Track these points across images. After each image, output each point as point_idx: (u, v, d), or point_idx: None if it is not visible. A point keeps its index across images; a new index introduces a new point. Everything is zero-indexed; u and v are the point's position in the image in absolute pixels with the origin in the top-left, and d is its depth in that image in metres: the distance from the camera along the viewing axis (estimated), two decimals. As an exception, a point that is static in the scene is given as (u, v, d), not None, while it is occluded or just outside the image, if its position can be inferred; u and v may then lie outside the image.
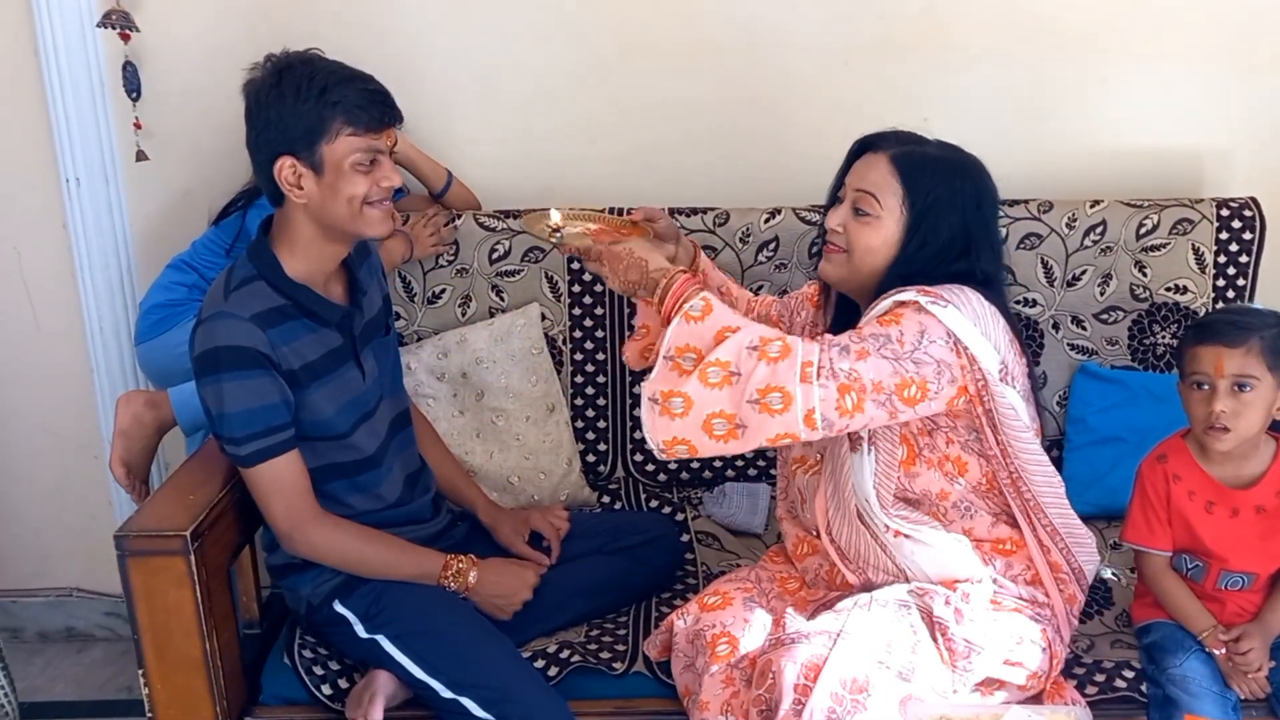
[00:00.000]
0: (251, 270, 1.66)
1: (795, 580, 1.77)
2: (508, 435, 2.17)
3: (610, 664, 1.77)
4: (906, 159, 1.60)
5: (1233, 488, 1.71)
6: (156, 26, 2.25)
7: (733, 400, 1.44)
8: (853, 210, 1.61)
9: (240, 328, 1.60)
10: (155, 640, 1.64)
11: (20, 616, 2.65)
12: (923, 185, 1.58)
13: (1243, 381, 1.63)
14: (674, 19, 2.25)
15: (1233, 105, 2.29)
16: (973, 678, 1.58)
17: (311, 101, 1.57)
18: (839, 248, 1.63)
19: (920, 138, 1.66)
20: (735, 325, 1.48)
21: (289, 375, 1.65)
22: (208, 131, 2.28)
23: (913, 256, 1.59)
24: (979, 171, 1.64)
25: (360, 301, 1.76)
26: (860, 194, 1.60)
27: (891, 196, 1.59)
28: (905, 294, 1.55)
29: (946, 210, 1.58)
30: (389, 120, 1.64)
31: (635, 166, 2.33)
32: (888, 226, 1.59)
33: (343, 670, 1.79)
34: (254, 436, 1.63)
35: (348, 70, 1.63)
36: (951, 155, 1.63)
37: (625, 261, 1.59)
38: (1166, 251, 2.19)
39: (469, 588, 1.77)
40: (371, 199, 1.63)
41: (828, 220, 1.65)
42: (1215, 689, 1.67)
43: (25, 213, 2.39)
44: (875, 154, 1.62)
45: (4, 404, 2.51)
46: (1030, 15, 2.24)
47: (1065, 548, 1.66)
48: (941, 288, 1.55)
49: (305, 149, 1.59)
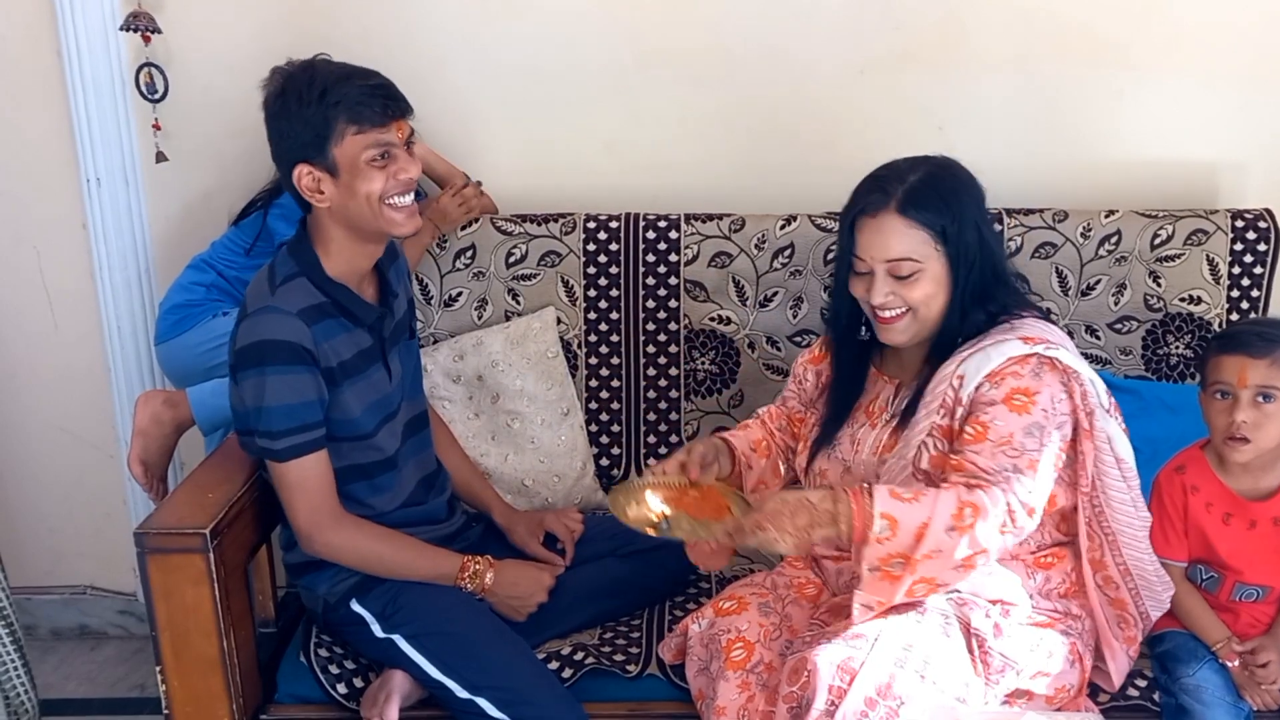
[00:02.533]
0: (294, 267, 1.68)
1: (814, 585, 1.77)
2: (523, 438, 2.18)
3: (624, 666, 1.77)
4: (911, 203, 1.58)
5: (1251, 499, 1.71)
6: (178, 28, 2.26)
7: (937, 571, 1.49)
8: (893, 279, 1.59)
9: (287, 322, 1.62)
10: (173, 637, 1.64)
11: (34, 614, 2.66)
12: (940, 216, 1.58)
13: (1266, 392, 1.63)
14: (691, 28, 2.26)
15: (1249, 117, 2.29)
16: (1003, 690, 1.58)
17: (314, 105, 1.58)
18: (898, 314, 1.61)
19: (897, 169, 1.63)
20: (925, 518, 1.46)
21: (326, 373, 1.66)
22: (227, 134, 2.30)
23: (968, 278, 1.60)
24: (954, 166, 1.65)
25: (391, 304, 1.77)
26: (893, 264, 1.58)
27: (923, 245, 1.58)
28: (1009, 345, 1.56)
29: (965, 220, 1.60)
30: (393, 113, 1.63)
31: (651, 173, 2.34)
32: (934, 269, 1.59)
33: (358, 669, 1.79)
34: (290, 432, 1.64)
35: (348, 69, 1.62)
36: (934, 170, 1.62)
37: (788, 510, 1.50)
38: (1181, 262, 2.19)
39: (486, 588, 1.78)
40: (390, 195, 1.63)
41: (866, 294, 1.61)
42: (1228, 699, 1.67)
43: (45, 213, 2.41)
44: (878, 216, 1.59)
45: (22, 403, 2.53)
46: (1047, 26, 2.25)
47: (1135, 589, 1.67)
48: (1026, 324, 1.60)
49: (317, 154, 1.60)
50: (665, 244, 2.22)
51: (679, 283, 2.23)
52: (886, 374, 1.73)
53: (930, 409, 1.60)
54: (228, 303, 2.18)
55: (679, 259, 2.22)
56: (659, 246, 2.22)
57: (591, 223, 2.23)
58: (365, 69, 1.64)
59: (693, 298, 2.24)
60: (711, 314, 2.24)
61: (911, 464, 1.61)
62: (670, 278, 2.23)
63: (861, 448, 1.69)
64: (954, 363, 1.60)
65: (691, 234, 2.22)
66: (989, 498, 1.49)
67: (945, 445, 1.60)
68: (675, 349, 2.26)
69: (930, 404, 1.60)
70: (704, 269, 2.22)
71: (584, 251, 2.23)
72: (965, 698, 1.53)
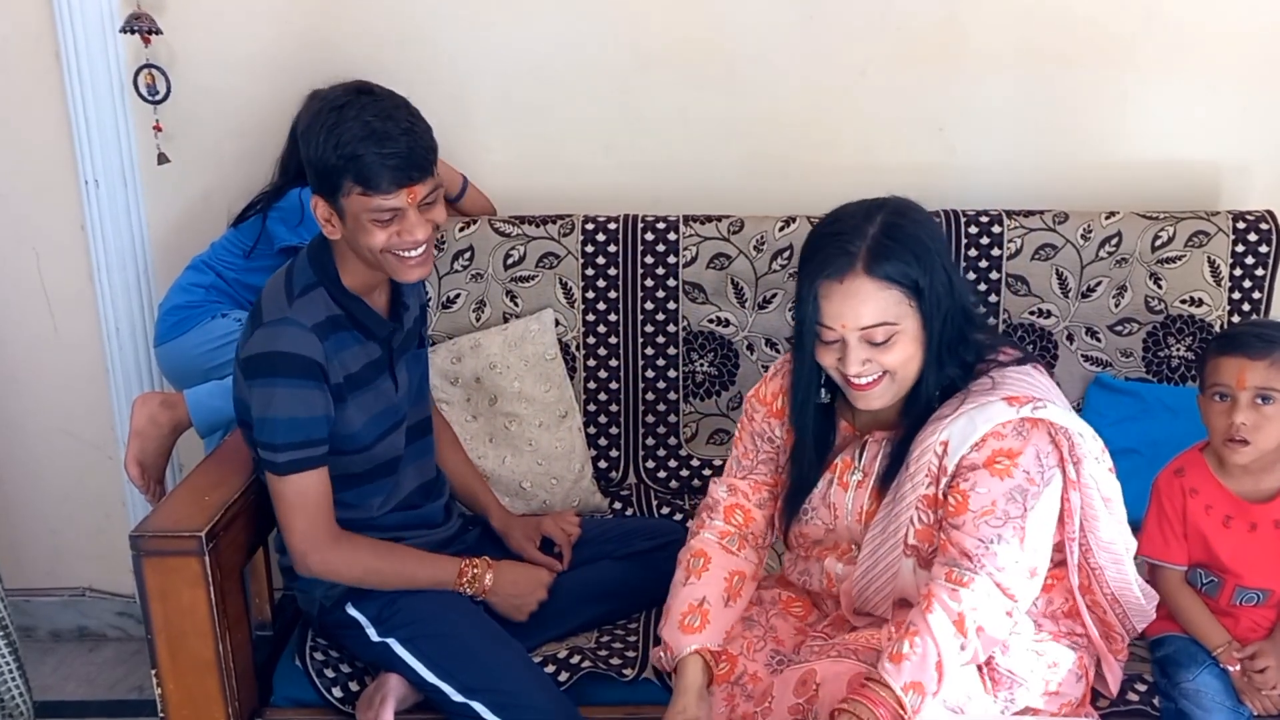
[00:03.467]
0: (313, 277, 1.67)
1: (801, 604, 1.74)
2: (520, 440, 2.18)
3: (620, 670, 1.77)
4: (878, 260, 1.43)
5: (1251, 502, 1.70)
6: (178, 30, 2.26)
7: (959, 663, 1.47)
8: (868, 345, 1.46)
9: (302, 337, 1.61)
10: (169, 640, 1.64)
11: (33, 615, 2.66)
12: (910, 268, 1.44)
13: (1265, 394, 1.62)
14: (691, 28, 2.26)
15: (1251, 118, 2.28)
16: (1014, 708, 1.56)
17: (330, 154, 1.55)
18: (874, 380, 1.48)
19: (851, 222, 1.48)
20: (936, 655, 1.42)
21: (334, 389, 1.65)
22: (227, 135, 2.30)
23: (942, 331, 1.49)
24: (910, 206, 1.52)
25: (402, 316, 1.76)
26: (868, 331, 1.45)
27: (897, 305, 1.45)
28: (994, 408, 1.46)
29: (935, 267, 1.47)
30: (403, 183, 1.56)
31: (651, 175, 2.34)
32: (910, 326, 1.47)
33: (354, 673, 1.79)
34: (292, 446, 1.63)
35: (373, 125, 1.54)
36: (891, 216, 1.47)
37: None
38: (1182, 264, 2.19)
39: (486, 590, 1.78)
40: (392, 250, 1.61)
41: (839, 365, 1.48)
42: (1228, 704, 1.66)
43: (44, 214, 2.40)
44: (845, 280, 1.44)
45: (21, 404, 2.53)
46: (1048, 27, 2.24)
47: (1121, 613, 1.65)
48: (1008, 379, 1.49)
49: (330, 195, 1.60)
50: (664, 246, 2.22)
51: (678, 284, 2.23)
52: (855, 427, 1.63)
53: (916, 481, 1.52)
54: (227, 304, 2.18)
55: (678, 261, 2.22)
56: (657, 248, 2.22)
57: (590, 224, 2.23)
58: (392, 128, 1.55)
59: (691, 299, 2.23)
60: (710, 316, 2.24)
61: (903, 542, 1.54)
62: (669, 279, 2.22)
63: (840, 512, 1.62)
64: (937, 429, 1.50)
65: (690, 236, 2.21)
66: (974, 593, 1.44)
67: (931, 516, 1.53)
68: (674, 351, 2.25)
69: (915, 475, 1.52)
70: (703, 271, 2.22)
71: (582, 253, 2.23)
72: (974, 713, 1.51)
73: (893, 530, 1.56)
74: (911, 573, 1.56)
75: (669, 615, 1.65)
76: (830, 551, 1.66)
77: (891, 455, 1.57)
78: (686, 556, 1.69)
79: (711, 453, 2.29)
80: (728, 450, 2.25)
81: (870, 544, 1.59)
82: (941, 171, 2.32)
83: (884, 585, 1.59)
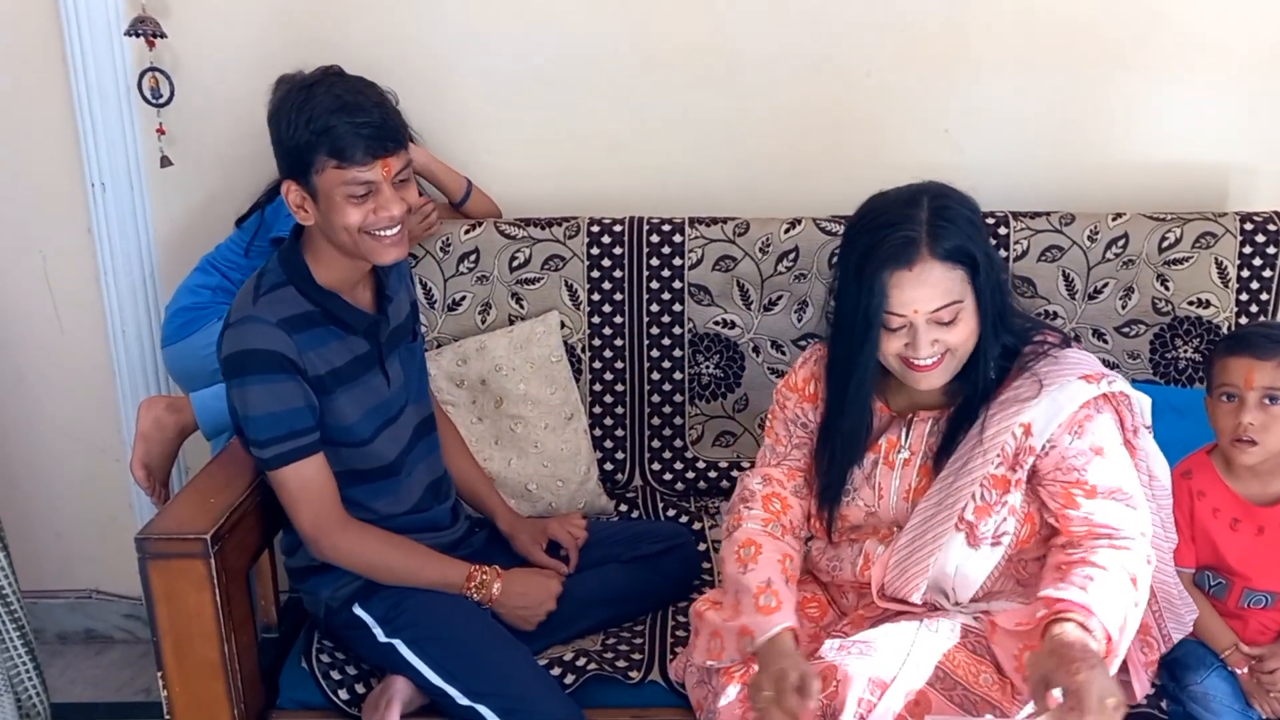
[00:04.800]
0: (282, 276, 1.67)
1: (817, 604, 1.72)
2: (526, 442, 2.18)
3: (626, 673, 1.77)
4: (942, 241, 1.46)
5: (1259, 504, 1.70)
6: (183, 33, 2.26)
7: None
8: (937, 326, 1.48)
9: (267, 332, 1.61)
10: (175, 643, 1.64)
11: (41, 618, 2.66)
12: (967, 245, 1.48)
13: (1273, 394, 1.62)
14: (697, 31, 2.26)
15: (1258, 119, 2.27)
16: (1028, 709, 1.54)
17: (301, 130, 1.56)
18: (937, 360, 1.51)
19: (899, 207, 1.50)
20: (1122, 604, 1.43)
21: (315, 381, 1.66)
22: (232, 138, 2.30)
23: (992, 301, 1.51)
24: (946, 187, 1.54)
25: (387, 309, 1.76)
26: (938, 312, 1.47)
27: (961, 283, 1.48)
28: (1073, 388, 1.50)
29: (982, 240, 1.52)
30: (378, 153, 1.57)
31: (656, 177, 2.34)
32: (970, 303, 1.50)
33: (360, 675, 1.79)
34: (277, 440, 1.63)
35: (343, 100, 1.55)
36: (938, 197, 1.50)
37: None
38: (1189, 265, 2.18)
39: (493, 599, 1.77)
40: (368, 229, 1.61)
41: (908, 350, 1.49)
42: (1237, 707, 1.66)
43: (51, 217, 2.41)
44: (915, 266, 1.46)
45: (27, 406, 2.53)
46: (1054, 28, 2.23)
47: (1158, 611, 1.65)
48: (1069, 358, 1.53)
49: (302, 176, 1.60)
50: (669, 248, 2.21)
51: (683, 287, 2.22)
52: (893, 408, 1.64)
53: (987, 458, 1.53)
54: (233, 306, 2.19)
55: (683, 263, 2.22)
56: (663, 250, 2.22)
57: (595, 226, 2.23)
58: (363, 100, 1.57)
59: (697, 302, 2.23)
60: (716, 318, 2.24)
61: (959, 515, 1.55)
62: (674, 282, 2.22)
63: (886, 492, 1.62)
64: (1015, 411, 1.52)
65: (695, 238, 2.21)
66: (1135, 555, 1.47)
67: (994, 496, 1.54)
68: (679, 353, 2.25)
69: (987, 453, 1.53)
70: (708, 273, 2.22)
71: (588, 255, 2.23)
72: (992, 715, 1.50)
73: (950, 503, 1.55)
74: (958, 548, 1.56)
75: (739, 604, 1.57)
76: (870, 535, 1.65)
77: (944, 433, 1.58)
78: (734, 548, 1.63)
79: (717, 455, 2.28)
80: (734, 453, 2.28)
81: (920, 514, 1.58)
82: (947, 173, 2.24)
83: (925, 557, 1.57)
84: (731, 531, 1.66)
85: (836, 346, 1.58)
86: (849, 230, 1.55)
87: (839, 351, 1.57)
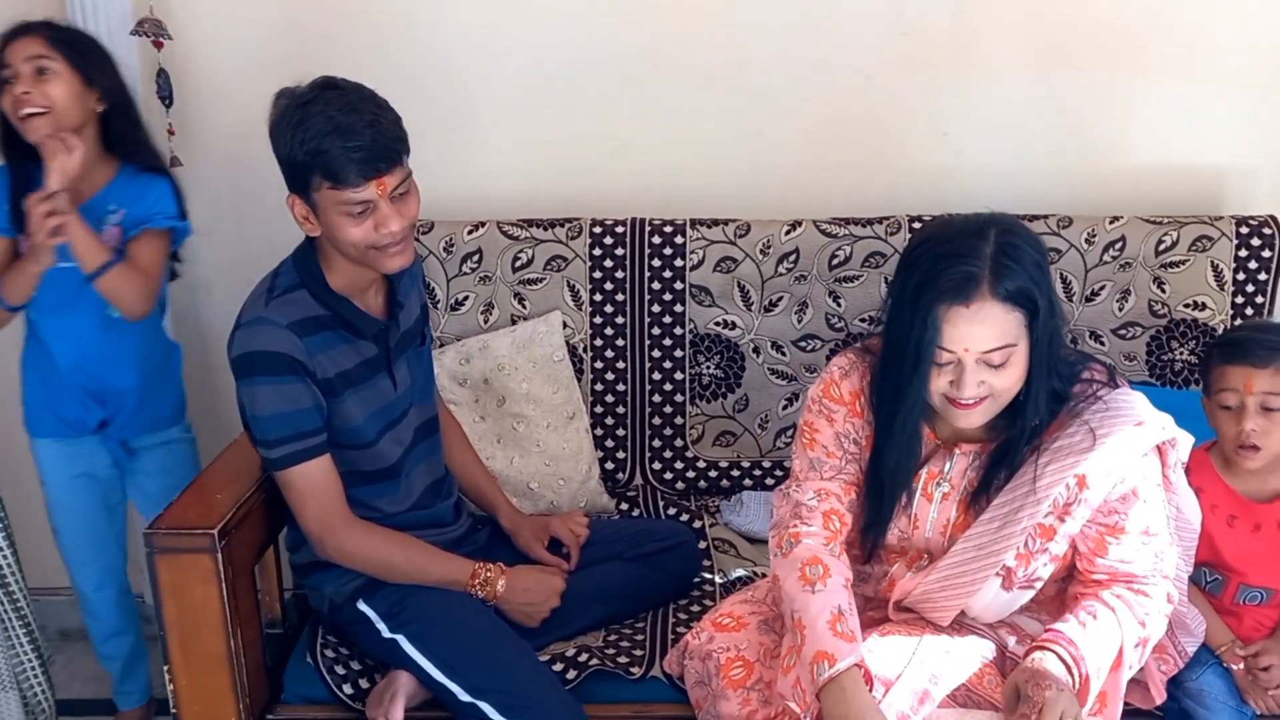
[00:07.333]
0: (295, 279, 1.69)
1: None
2: (528, 441, 2.19)
3: (628, 669, 1.78)
4: (1004, 282, 1.39)
5: (1255, 502, 1.72)
6: (189, 34, 2.28)
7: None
8: (985, 367, 1.43)
9: (277, 334, 1.63)
10: (181, 636, 1.66)
11: (42, 615, 2.63)
12: (1030, 290, 1.41)
13: (1272, 401, 1.64)
14: (700, 33, 2.28)
15: (1255, 123, 2.29)
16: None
17: (296, 151, 1.57)
18: (980, 400, 1.46)
19: (963, 239, 1.43)
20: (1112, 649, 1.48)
21: (324, 384, 1.67)
22: (238, 138, 2.31)
23: (1047, 355, 1.47)
24: (1015, 222, 1.48)
25: (397, 314, 1.77)
26: (989, 354, 1.42)
27: (1017, 327, 1.42)
28: (1130, 438, 1.47)
29: (1047, 286, 1.45)
30: (370, 174, 1.57)
31: (657, 178, 2.35)
32: (1022, 349, 1.44)
33: (364, 670, 1.80)
34: (285, 440, 1.65)
35: (337, 119, 1.55)
36: (1005, 234, 1.43)
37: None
38: (1186, 268, 2.20)
39: (497, 596, 1.79)
40: (373, 246, 1.62)
41: (953, 389, 1.44)
42: (1232, 703, 1.68)
43: (57, 216, 2.42)
44: (973, 303, 1.39)
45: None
46: (1053, 32, 2.25)
47: (1169, 629, 1.64)
48: (1119, 402, 1.50)
49: (303, 192, 1.62)
50: (671, 249, 2.23)
51: (684, 287, 2.24)
52: (939, 435, 1.58)
53: (1040, 509, 1.49)
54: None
55: (684, 264, 2.23)
56: (664, 251, 2.23)
57: (597, 227, 2.24)
58: (355, 120, 1.56)
59: (698, 302, 2.25)
60: (717, 319, 2.25)
61: (1001, 563, 1.53)
62: (676, 282, 2.24)
63: (921, 524, 1.59)
64: (1069, 460, 1.48)
65: (697, 239, 2.23)
66: (1153, 599, 1.50)
67: (1038, 544, 1.52)
68: (680, 353, 2.27)
69: (1040, 503, 1.49)
70: (709, 274, 2.23)
71: (590, 256, 2.24)
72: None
73: (994, 550, 1.52)
74: (992, 590, 1.55)
75: (813, 626, 1.48)
76: (899, 557, 1.63)
77: (984, 470, 1.55)
78: (798, 565, 1.54)
79: (717, 454, 2.30)
80: (734, 452, 2.29)
81: (958, 555, 1.55)
82: (946, 175, 2.33)
83: (955, 596, 1.56)
84: (792, 547, 1.56)
85: (885, 377, 1.52)
86: (909, 253, 1.48)
87: (888, 384, 1.51)
